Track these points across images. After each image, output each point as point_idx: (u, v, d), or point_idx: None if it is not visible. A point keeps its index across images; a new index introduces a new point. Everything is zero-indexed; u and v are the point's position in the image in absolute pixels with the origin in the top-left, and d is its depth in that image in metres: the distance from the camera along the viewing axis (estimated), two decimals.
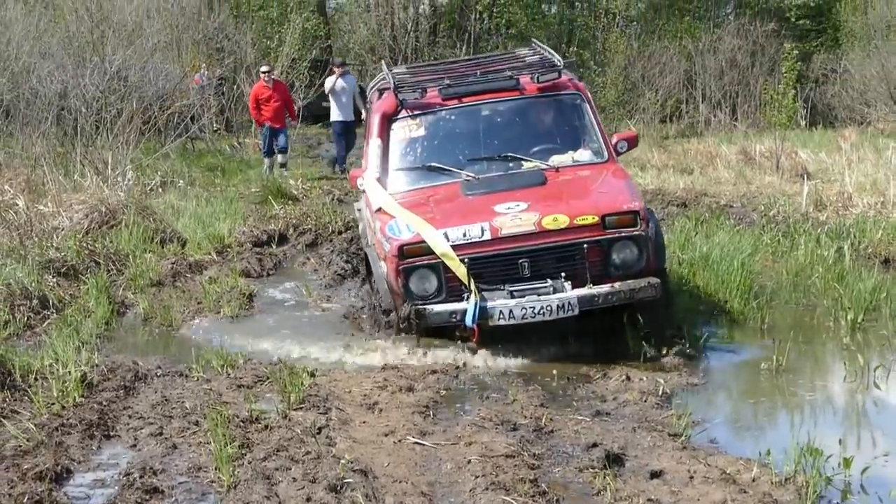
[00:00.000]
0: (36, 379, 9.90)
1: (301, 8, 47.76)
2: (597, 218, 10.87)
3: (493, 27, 50.13)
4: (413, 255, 10.87)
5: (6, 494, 7.37)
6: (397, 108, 12.72)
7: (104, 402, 9.55)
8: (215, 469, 8.10)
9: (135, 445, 8.69)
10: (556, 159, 12.54)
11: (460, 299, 10.76)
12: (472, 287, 10.59)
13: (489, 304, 10.58)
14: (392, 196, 12.02)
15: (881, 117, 41.24)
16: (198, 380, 10.54)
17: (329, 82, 28.66)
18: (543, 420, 9.36)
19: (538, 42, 14.17)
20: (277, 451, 8.58)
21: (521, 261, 10.90)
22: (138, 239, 16.72)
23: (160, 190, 21.50)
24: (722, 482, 8.27)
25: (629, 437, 8.99)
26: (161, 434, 8.92)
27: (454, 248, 10.74)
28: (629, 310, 11.09)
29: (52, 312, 12.55)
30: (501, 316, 10.56)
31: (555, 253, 10.95)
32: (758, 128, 39.49)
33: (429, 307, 10.74)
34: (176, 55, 31.80)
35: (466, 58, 18.93)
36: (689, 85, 46.17)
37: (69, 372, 9.99)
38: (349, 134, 28.22)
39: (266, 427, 9.16)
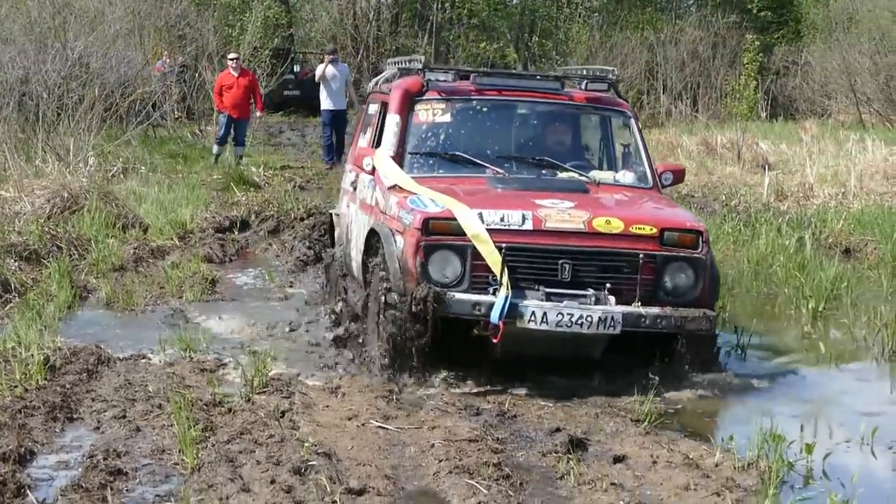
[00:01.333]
0: (0, 360, 9.88)
1: None
2: (655, 230, 9.65)
3: (455, 17, 50.21)
4: (439, 231, 9.47)
5: None
6: (422, 88, 11.25)
7: (67, 385, 9.53)
8: (179, 451, 8.09)
9: (98, 428, 8.68)
10: (596, 174, 11.26)
11: (484, 292, 9.35)
12: (505, 280, 9.11)
13: (521, 302, 9.17)
14: (409, 176, 10.58)
15: (842, 109, 41.60)
16: (161, 364, 10.53)
17: (319, 69, 28.72)
18: (507, 405, 9.44)
19: (591, 66, 12.88)
20: (241, 434, 8.59)
21: (562, 261, 9.48)
22: (100, 224, 16.69)
23: (122, 176, 21.48)
24: (685, 467, 8.34)
25: (592, 423, 9.10)
26: (124, 417, 8.91)
27: (489, 231, 9.29)
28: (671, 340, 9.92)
29: (14, 296, 12.51)
30: (533, 318, 9.11)
31: (602, 259, 9.63)
32: (719, 119, 39.82)
33: (451, 293, 9.27)
34: (138, 42, 31.77)
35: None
36: (650, 76, 46.46)
37: (31, 355, 9.96)
38: (339, 122, 28.07)
39: (229, 410, 9.18)
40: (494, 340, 9.18)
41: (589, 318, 9.13)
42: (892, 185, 24.54)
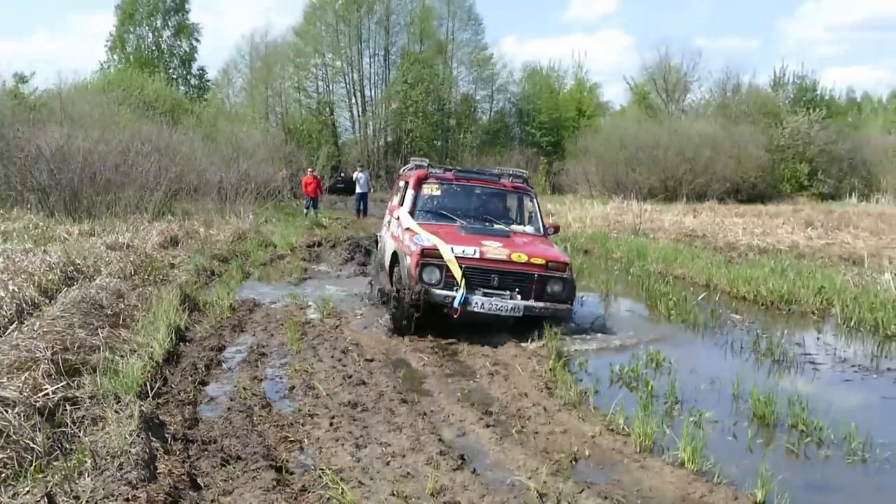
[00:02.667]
0: (209, 306, 9.75)
1: (326, 143, 47.80)
2: (544, 261, 8.89)
3: (414, 150, 50.16)
4: (429, 256, 8.76)
5: (196, 356, 7.28)
6: (427, 176, 10.57)
7: (240, 316, 9.43)
8: (290, 344, 8.06)
9: (254, 335, 8.58)
10: (514, 227, 10.28)
11: (451, 290, 8.62)
12: (462, 284, 8.57)
13: (471, 297, 8.56)
14: (416, 223, 9.82)
15: (582, 191, 41.77)
16: (282, 306, 10.41)
17: (354, 175, 28.95)
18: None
19: (514, 168, 11.61)
20: (318, 336, 8.57)
21: (493, 275, 8.77)
22: (255, 245, 16.53)
23: (265, 223, 21.29)
24: (515, 347, 8.39)
25: (477, 334, 9.01)
26: (266, 329, 8.83)
27: (456, 258, 8.70)
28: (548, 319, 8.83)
29: (217, 277, 12.38)
30: (476, 304, 8.53)
31: (514, 276, 8.80)
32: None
33: (432, 290, 8.66)
34: (271, 163, 31.54)
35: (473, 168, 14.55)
36: None
37: (224, 302, 9.88)
38: (365, 199, 27.88)
39: (313, 326, 9.11)
40: (455, 316, 8.60)
41: (505, 307, 8.59)
42: (604, 223, 24.74)
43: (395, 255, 9.74)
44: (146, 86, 38.51)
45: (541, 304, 8.81)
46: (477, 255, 8.80)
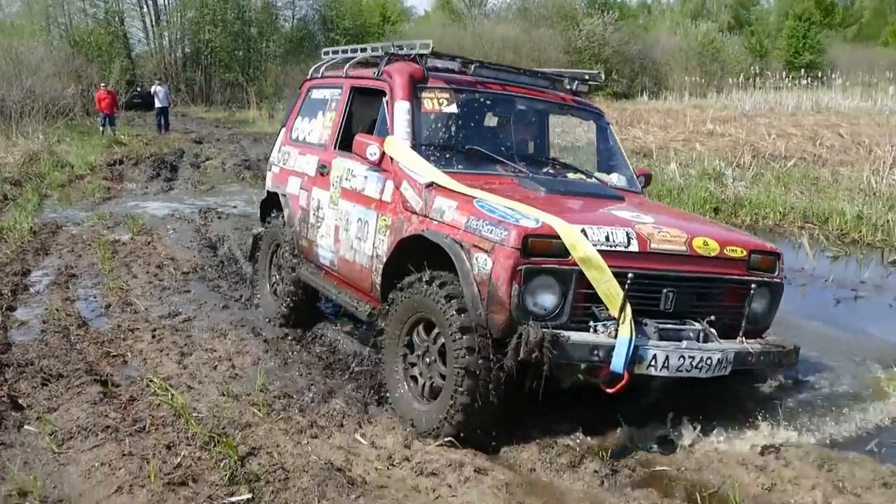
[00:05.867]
0: (7, 231, 9.21)
1: (119, 55, 45.10)
2: (745, 252, 4.29)
3: (214, 61, 48.11)
4: (539, 252, 3.80)
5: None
6: (424, 75, 5.02)
7: (43, 239, 9.02)
8: (101, 263, 7.85)
9: (61, 257, 8.26)
10: (599, 176, 5.42)
11: (590, 328, 3.92)
12: (629, 317, 3.77)
13: (645, 346, 3.83)
14: (441, 172, 4.60)
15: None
16: (88, 227, 9.98)
17: (153, 89, 27.69)
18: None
19: (573, 69, 6.33)
20: (130, 253, 8.40)
21: (666, 290, 4.05)
22: (50, 165, 15.55)
23: (58, 143, 20.01)
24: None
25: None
26: (73, 251, 8.52)
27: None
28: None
29: (11, 201, 11.65)
30: (653, 364, 3.82)
31: (700, 286, 4.18)
32: None
33: (565, 335, 3.71)
34: (59, 79, 29.45)
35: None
36: None
37: (23, 226, 9.39)
38: (166, 114, 27.01)
39: (124, 244, 8.86)
40: (611, 391, 3.78)
41: (709, 362, 3.94)
42: None
43: (405, 245, 4.54)
44: None
45: (759, 348, 4.27)
46: (635, 247, 4.06)
